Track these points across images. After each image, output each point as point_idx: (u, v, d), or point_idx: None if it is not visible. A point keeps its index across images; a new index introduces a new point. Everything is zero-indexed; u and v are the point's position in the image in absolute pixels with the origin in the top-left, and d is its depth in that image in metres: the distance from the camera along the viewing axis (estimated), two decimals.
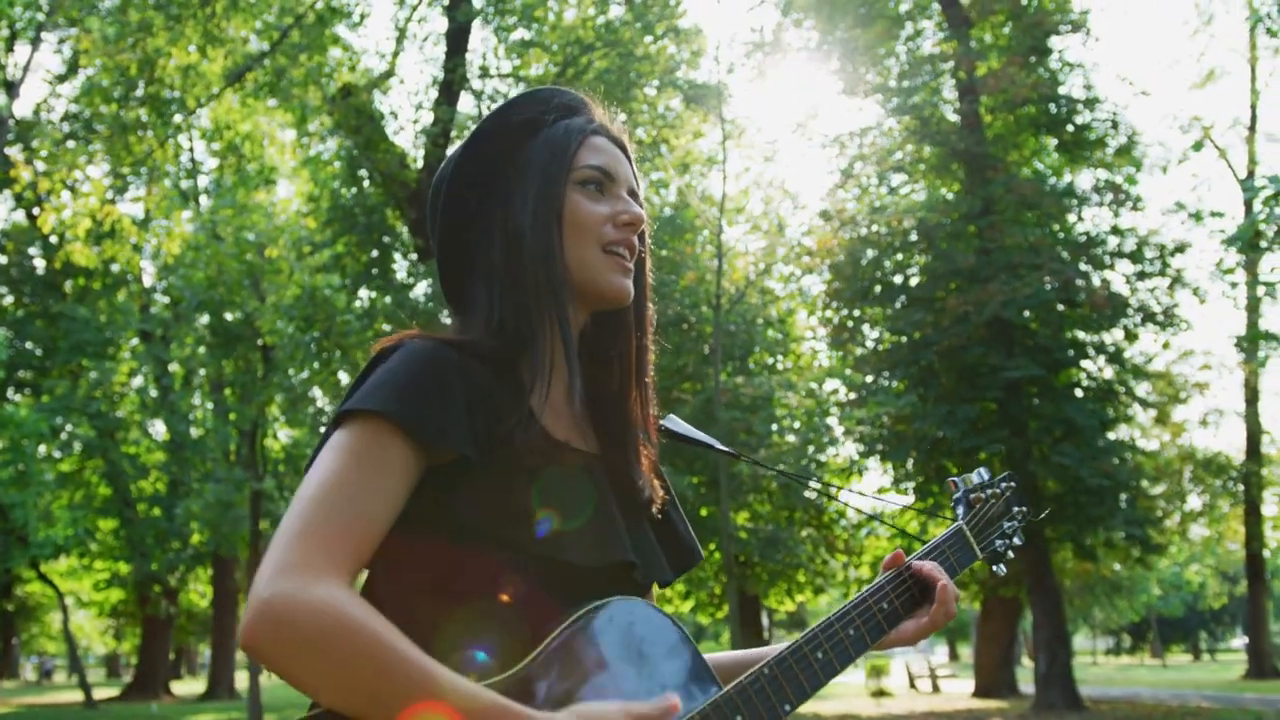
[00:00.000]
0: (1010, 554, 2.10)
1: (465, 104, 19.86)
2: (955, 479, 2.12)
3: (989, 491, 2.10)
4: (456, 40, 18.78)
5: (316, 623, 1.37)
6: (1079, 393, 21.21)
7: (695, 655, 1.65)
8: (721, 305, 16.86)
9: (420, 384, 1.55)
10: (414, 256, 19.40)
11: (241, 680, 38.50)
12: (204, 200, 30.17)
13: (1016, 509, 2.13)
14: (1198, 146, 26.16)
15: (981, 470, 2.13)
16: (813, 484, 19.70)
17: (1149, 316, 20.99)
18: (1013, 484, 2.14)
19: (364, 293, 19.51)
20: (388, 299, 19.03)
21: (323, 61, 18.08)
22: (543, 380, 1.69)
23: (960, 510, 2.09)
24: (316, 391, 21.79)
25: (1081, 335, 21.53)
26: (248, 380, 25.29)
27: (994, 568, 2.09)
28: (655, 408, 1.91)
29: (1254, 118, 32.09)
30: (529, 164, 1.78)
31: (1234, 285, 21.55)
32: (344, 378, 20.65)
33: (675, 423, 1.99)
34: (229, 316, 24.87)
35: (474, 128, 1.83)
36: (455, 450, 1.55)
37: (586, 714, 1.45)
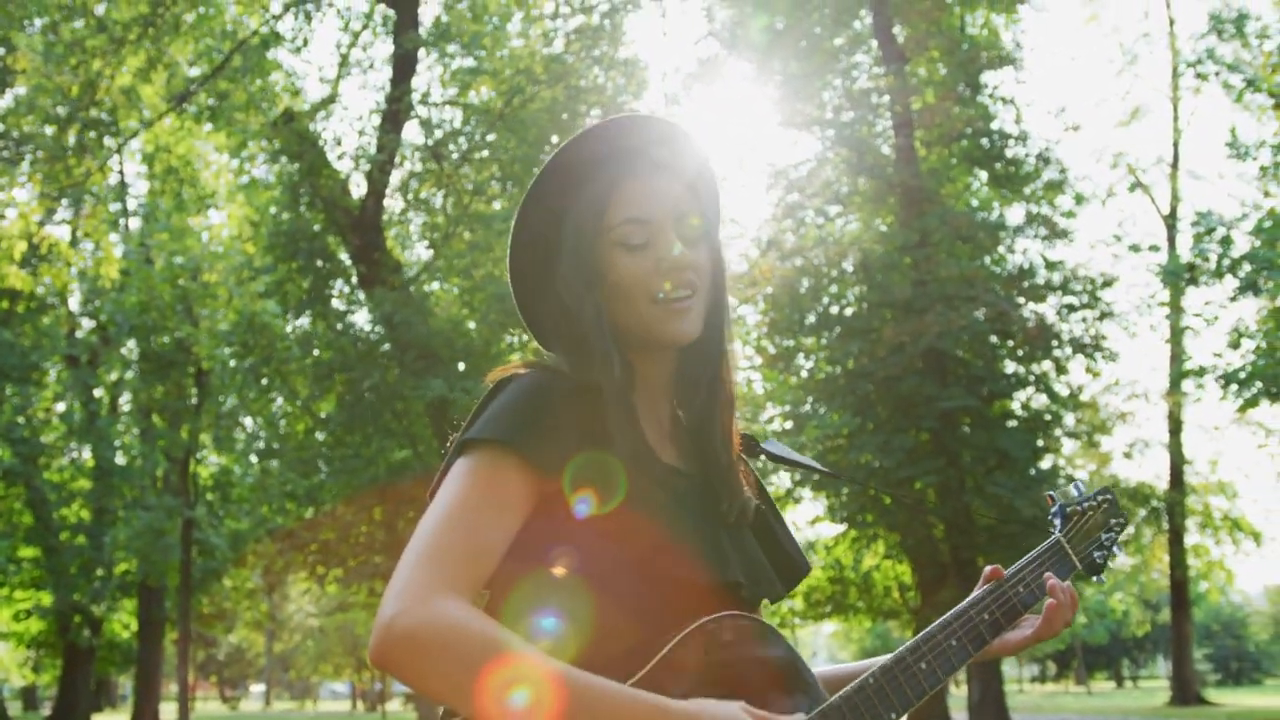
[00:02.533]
0: (1108, 564, 2.15)
1: (411, 131, 19.83)
2: (1052, 493, 2.16)
3: (1086, 505, 2.12)
4: (402, 67, 18.75)
5: (440, 635, 1.47)
6: (1012, 423, 21.51)
7: (803, 667, 1.74)
8: None
9: (538, 415, 1.65)
10: (354, 282, 19.24)
11: (168, 712, 37.74)
12: (134, 223, 29.78)
13: (1114, 521, 2.16)
14: (1132, 188, 26.81)
15: (1078, 484, 2.17)
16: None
17: (1079, 348, 21.37)
18: (1108, 497, 2.15)
19: (304, 320, 19.31)
20: (328, 325, 18.88)
21: (264, 86, 17.99)
22: (641, 411, 1.80)
23: (1058, 523, 2.11)
24: (249, 418, 21.55)
25: (1013, 366, 21.86)
26: (180, 406, 25.02)
27: (1095, 578, 2.14)
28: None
29: (1176, 155, 32.80)
30: (570, 225, 1.81)
31: (1167, 317, 22.04)
32: (280, 402, 20.47)
33: (775, 445, 2.04)
34: (159, 341, 24.61)
35: (530, 183, 1.87)
36: (560, 473, 1.64)
37: (706, 705, 1.56)
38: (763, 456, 2.03)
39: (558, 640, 1.62)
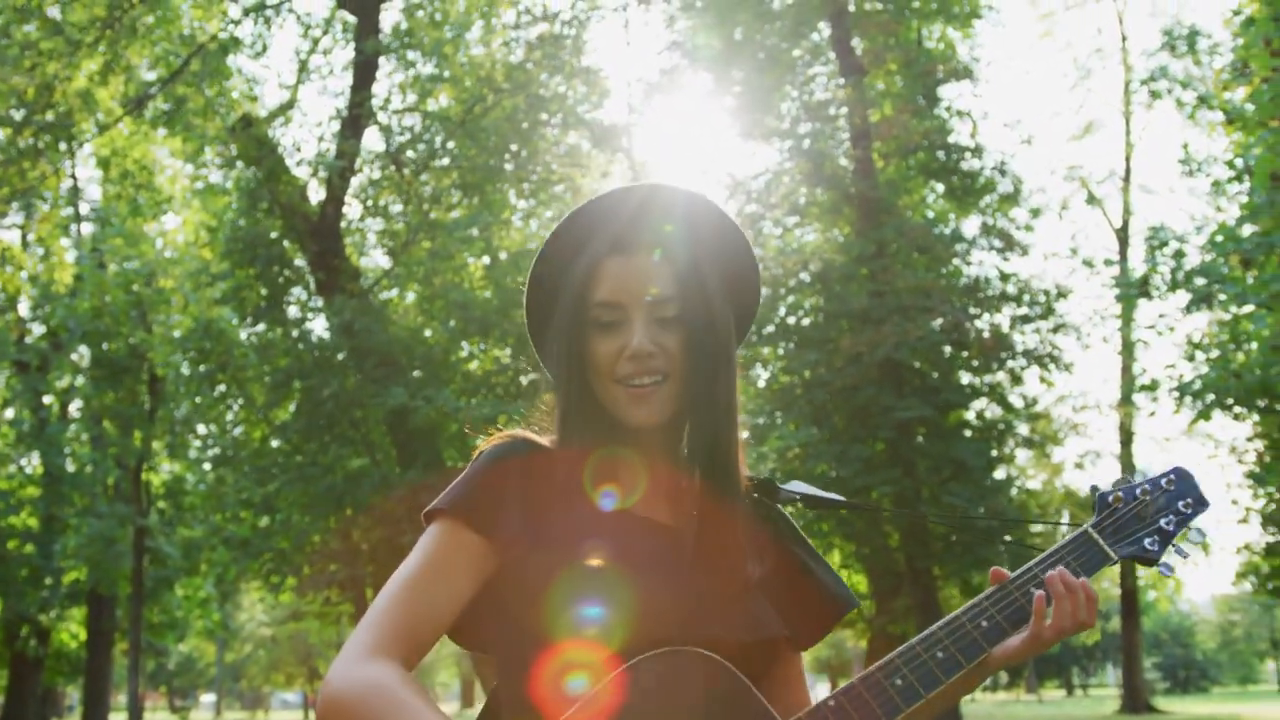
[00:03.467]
0: (1176, 550, 1.96)
1: (371, 138, 19.75)
2: (1096, 483, 2.00)
3: (1140, 489, 1.95)
4: (363, 73, 18.68)
5: (357, 695, 1.62)
6: (967, 433, 21.68)
7: (751, 697, 1.67)
8: None
9: (486, 483, 1.81)
10: (312, 289, 19.11)
11: None
12: (86, 228, 29.44)
13: (1184, 503, 1.96)
14: (1090, 201, 27.09)
15: (1143, 471, 2.00)
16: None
17: (1033, 359, 21.58)
18: (1172, 477, 1.97)
19: (260, 326, 19.18)
20: (286, 333, 18.76)
21: (222, 91, 17.87)
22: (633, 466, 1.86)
23: (1096, 513, 1.96)
24: (204, 425, 21.35)
25: (968, 377, 22.04)
26: (133, 413, 24.75)
27: (1158, 567, 1.95)
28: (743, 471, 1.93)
29: (1128, 169, 33.19)
30: (560, 302, 1.89)
31: (1120, 330, 22.28)
32: (234, 409, 20.29)
33: (798, 485, 2.01)
34: (111, 347, 24.34)
35: (540, 247, 1.95)
36: (505, 538, 1.77)
37: None
38: (786, 494, 2.01)
39: (515, 700, 1.75)
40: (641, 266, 1.83)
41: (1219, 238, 12.27)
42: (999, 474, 22.11)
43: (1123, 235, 32.12)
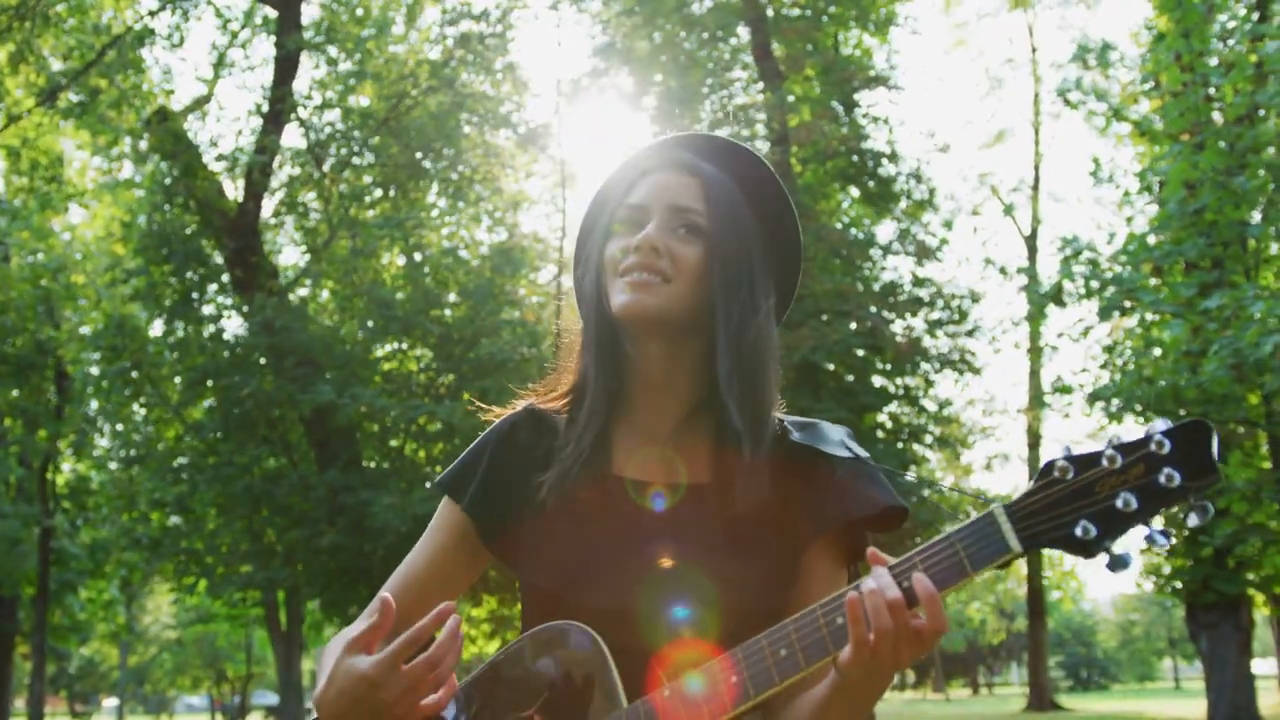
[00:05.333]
0: (1154, 536, 1.44)
1: (291, 135, 19.51)
2: (1069, 445, 1.50)
3: (1107, 455, 1.46)
4: (284, 69, 18.44)
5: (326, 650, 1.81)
6: (880, 435, 21.95)
7: (608, 673, 1.63)
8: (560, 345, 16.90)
9: (468, 454, 1.97)
10: (228, 286, 18.81)
11: None
12: None
13: (1166, 472, 1.43)
14: (1007, 210, 27.60)
15: (1150, 427, 1.47)
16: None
17: (947, 363, 21.93)
18: (1163, 438, 1.44)
19: (175, 324, 18.84)
20: (202, 331, 18.47)
21: (138, 84, 17.54)
22: (590, 427, 1.84)
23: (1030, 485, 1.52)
24: (115, 423, 20.91)
25: (882, 380, 22.32)
26: (38, 410, 24.15)
27: (1107, 563, 1.47)
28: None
29: (1037, 178, 33.81)
30: (591, 222, 1.97)
31: (1032, 334, 22.74)
32: (144, 408, 19.91)
33: (824, 430, 1.88)
34: (15, 342, 23.69)
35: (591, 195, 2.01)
36: (466, 509, 1.91)
37: (332, 669, 1.68)
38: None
39: None
40: (674, 180, 1.85)
41: (1131, 247, 12.60)
42: (910, 476, 22.42)
43: (1031, 243, 32.75)
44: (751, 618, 1.67)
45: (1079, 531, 1.46)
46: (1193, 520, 1.42)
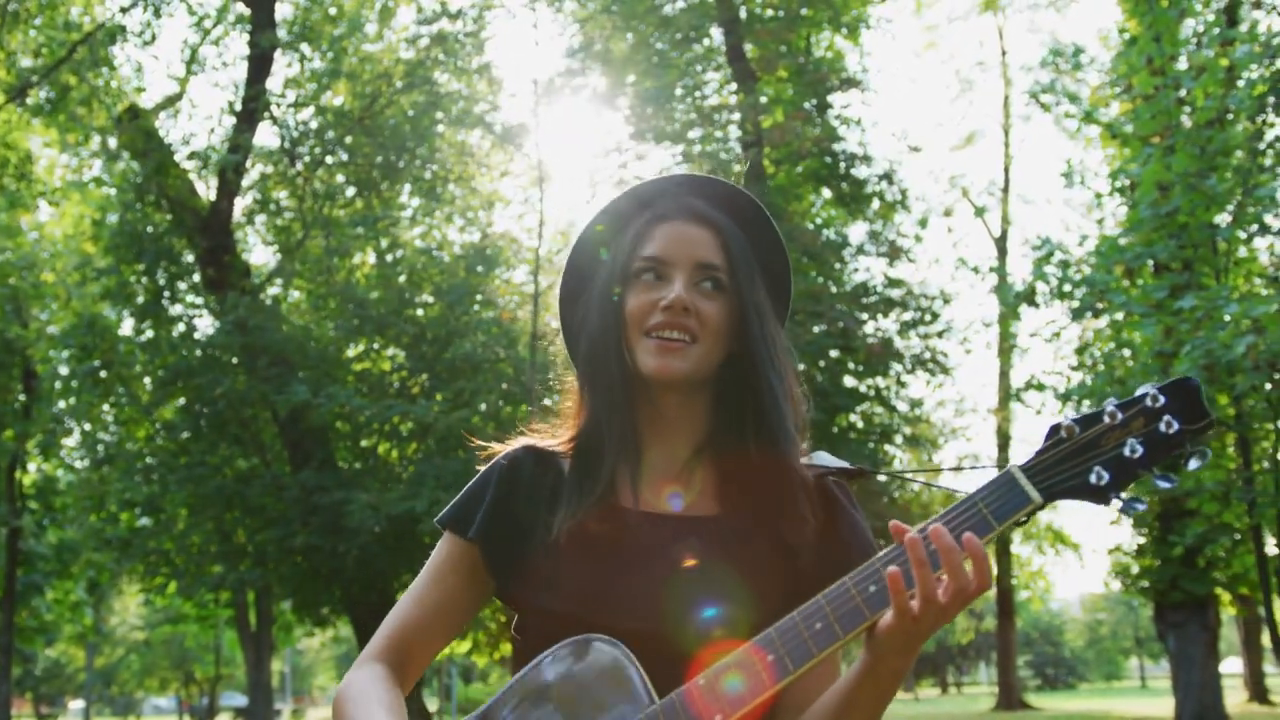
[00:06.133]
0: (1158, 479, 1.58)
1: (264, 134, 19.39)
2: (1069, 411, 1.55)
3: (1107, 412, 1.59)
4: (258, 66, 18.33)
5: (336, 700, 1.86)
6: (852, 435, 22.03)
7: (633, 674, 1.65)
8: (537, 346, 16.89)
9: (470, 490, 1.96)
10: (199, 286, 18.68)
11: None
12: None
13: (1165, 420, 1.58)
14: (979, 213, 27.76)
15: (1141, 390, 1.62)
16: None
17: (919, 363, 22.04)
18: (1157, 392, 1.59)
19: (146, 323, 18.69)
20: (173, 330, 18.33)
21: (109, 81, 17.42)
22: (604, 468, 1.87)
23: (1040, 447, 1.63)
24: (85, 423, 20.73)
25: (853, 381, 22.40)
26: (6, 410, 23.93)
27: (1120, 506, 1.59)
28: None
29: (1007, 180, 34.02)
30: (602, 271, 1.94)
31: (1002, 335, 22.88)
32: (113, 408, 19.75)
33: (822, 458, 1.99)
34: None
35: (573, 241, 2.02)
36: (475, 539, 1.89)
37: None
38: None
39: None
40: (693, 233, 1.89)
41: (1103, 249, 12.69)
42: (882, 477, 22.52)
43: (1001, 245, 32.93)
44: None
45: (1093, 478, 1.57)
46: (1193, 464, 1.58)
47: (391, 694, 1.82)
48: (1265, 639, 36.81)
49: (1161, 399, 1.58)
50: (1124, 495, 1.58)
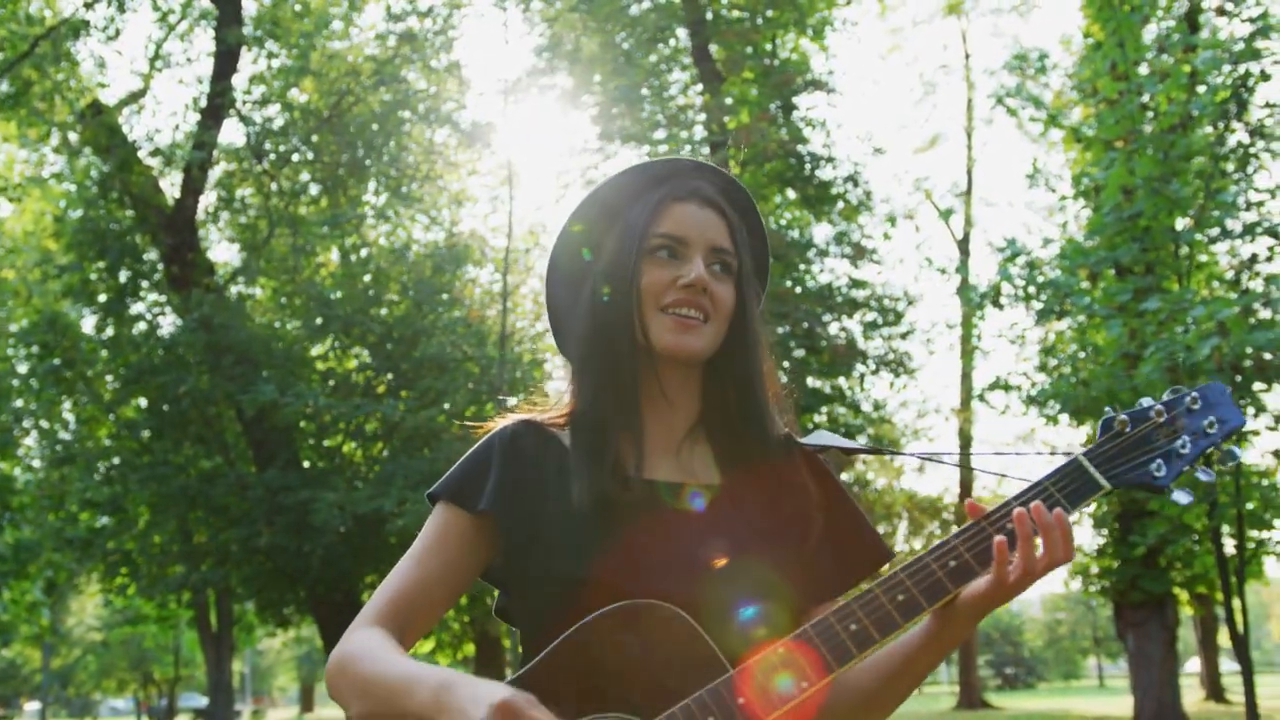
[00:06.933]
0: (1201, 473, 1.80)
1: (230, 131, 19.25)
2: (1110, 408, 1.84)
3: (1154, 409, 1.80)
4: (224, 63, 18.18)
5: (335, 665, 1.80)
6: None
7: (701, 642, 1.67)
8: (506, 343, 16.86)
9: (469, 462, 1.94)
10: (163, 284, 18.51)
11: None
12: None
13: (1207, 420, 1.81)
14: (946, 214, 27.91)
15: (1170, 392, 1.85)
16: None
17: (883, 364, 22.15)
18: (1197, 395, 1.82)
19: (108, 321, 18.52)
20: (135, 328, 18.17)
21: (71, 76, 17.25)
22: (611, 438, 1.88)
23: (1097, 438, 1.82)
24: (45, 422, 20.52)
25: (817, 382, 22.49)
26: None
27: (1171, 496, 1.78)
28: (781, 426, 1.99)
29: (970, 182, 34.19)
30: (615, 236, 1.95)
31: (964, 336, 23.03)
32: (78, 405, 19.57)
33: (825, 437, 2.03)
34: None
35: (570, 213, 2.02)
36: (485, 509, 1.87)
37: (458, 680, 1.62)
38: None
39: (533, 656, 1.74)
40: (707, 217, 1.94)
41: (1068, 251, 12.80)
42: (845, 476, 22.63)
43: (964, 247, 33.10)
44: (806, 608, 1.83)
45: (1154, 469, 1.77)
46: (1229, 461, 1.80)
47: (401, 651, 1.78)
48: (1221, 638, 37.26)
49: (1200, 401, 1.80)
50: (1175, 485, 1.78)
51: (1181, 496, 1.78)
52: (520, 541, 1.85)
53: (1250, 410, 12.38)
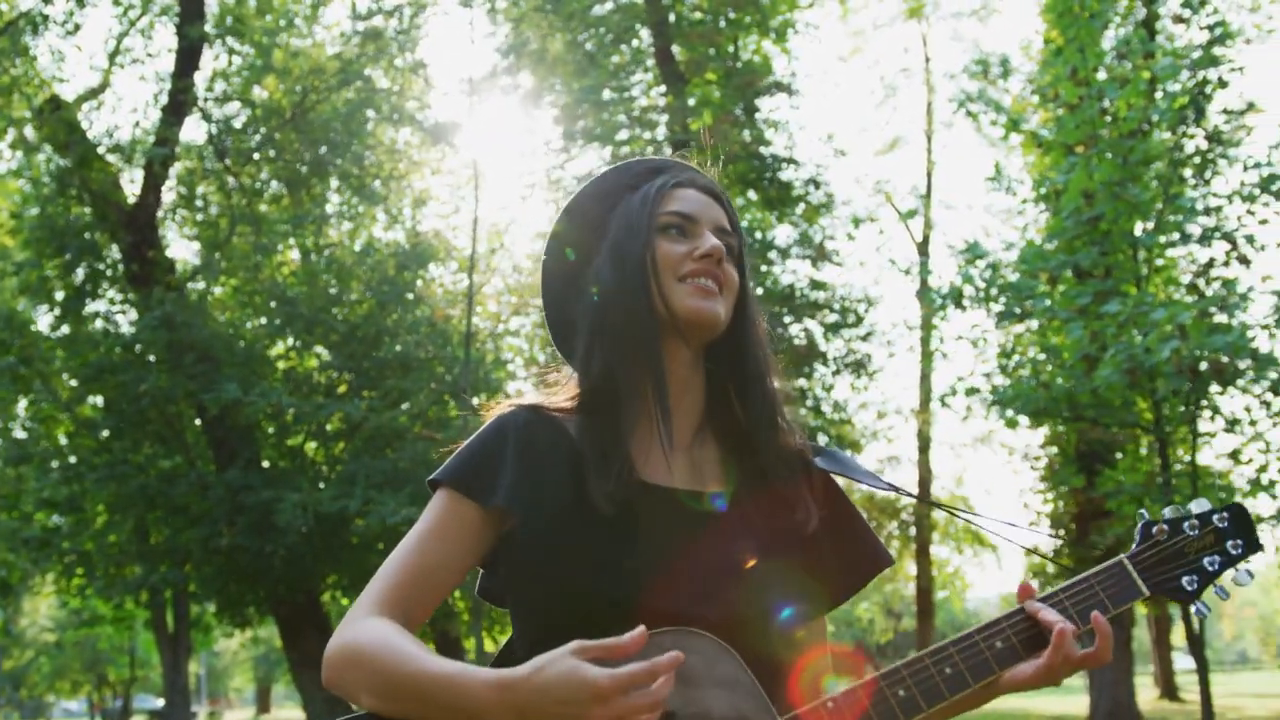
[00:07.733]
0: (1217, 591, 1.97)
1: (191, 128, 19.09)
2: (1143, 510, 2.02)
3: (1189, 523, 1.95)
4: (186, 59, 18.02)
5: (344, 654, 1.72)
6: None
7: (752, 684, 1.66)
8: (470, 344, 16.80)
9: (483, 451, 1.86)
10: (122, 281, 18.34)
11: None
12: None
13: (1231, 542, 1.96)
14: (909, 215, 28.04)
15: (1197, 504, 1.99)
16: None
17: (845, 365, 22.26)
18: (1226, 515, 1.97)
19: (66, 319, 18.32)
20: (93, 326, 17.98)
21: (29, 70, 17.06)
22: (625, 429, 1.85)
23: (1136, 543, 1.95)
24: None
25: (778, 383, 22.54)
26: None
27: (1195, 607, 1.97)
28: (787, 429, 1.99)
29: (929, 185, 34.36)
30: (615, 225, 1.95)
31: (924, 340, 23.18)
32: (32, 404, 19.33)
33: (835, 459, 2.01)
34: None
35: (565, 203, 2.03)
36: (502, 505, 1.80)
37: (539, 660, 1.54)
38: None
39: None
40: (708, 200, 1.98)
41: (1027, 255, 12.92)
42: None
43: (924, 249, 33.26)
44: (780, 621, 1.80)
45: (1186, 583, 1.92)
46: (1242, 581, 1.98)
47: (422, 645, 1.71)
48: (1175, 637, 37.69)
49: (1227, 520, 1.96)
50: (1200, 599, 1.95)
51: (1203, 609, 1.99)
52: (536, 540, 1.78)
53: (1207, 413, 12.52)
